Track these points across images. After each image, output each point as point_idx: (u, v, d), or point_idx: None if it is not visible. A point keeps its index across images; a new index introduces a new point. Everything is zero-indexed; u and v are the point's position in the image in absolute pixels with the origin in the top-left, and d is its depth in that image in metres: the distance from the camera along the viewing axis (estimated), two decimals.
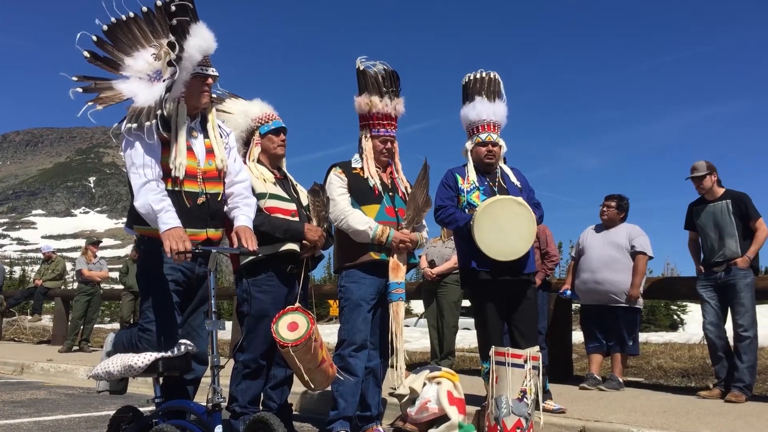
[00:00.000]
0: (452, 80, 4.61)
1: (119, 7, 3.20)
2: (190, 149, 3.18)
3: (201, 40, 3.07)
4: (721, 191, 5.35)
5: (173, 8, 3.00)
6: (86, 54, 3.12)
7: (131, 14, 3.22)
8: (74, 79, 3.10)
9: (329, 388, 3.81)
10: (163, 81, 3.08)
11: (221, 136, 3.35)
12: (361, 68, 4.05)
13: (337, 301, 4.06)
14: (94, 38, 3.14)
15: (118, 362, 3.02)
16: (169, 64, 3.03)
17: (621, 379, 5.67)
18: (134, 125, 2.98)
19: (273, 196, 3.80)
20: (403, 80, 4.12)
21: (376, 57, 4.08)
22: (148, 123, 2.98)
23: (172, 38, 3.01)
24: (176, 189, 3.11)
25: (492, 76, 4.35)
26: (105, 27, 3.16)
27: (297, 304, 3.41)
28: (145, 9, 3.24)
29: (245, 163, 3.79)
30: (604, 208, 5.87)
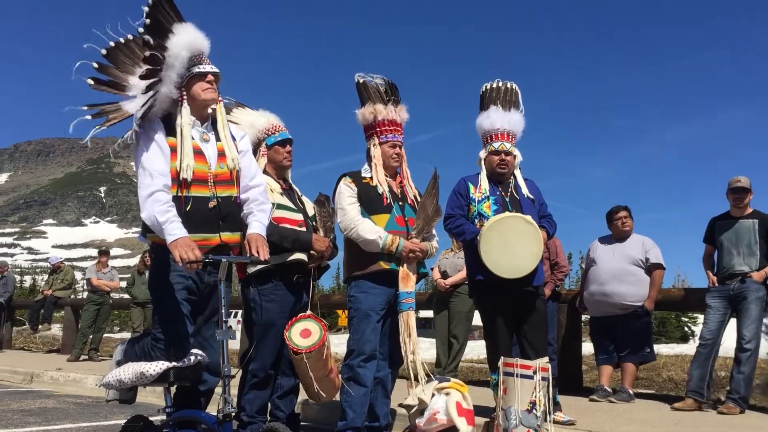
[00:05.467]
0: (461, 89, 4.63)
1: (114, 29, 3.13)
2: (200, 153, 3.15)
3: (187, 37, 3.05)
4: (750, 210, 5.38)
5: (149, 1, 2.96)
6: (90, 82, 3.05)
7: (130, 36, 3.16)
8: (84, 108, 3.05)
9: (337, 398, 3.80)
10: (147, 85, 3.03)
11: (233, 139, 3.31)
12: (361, 81, 4.09)
13: (346, 311, 4.07)
14: (95, 65, 3.06)
15: (129, 370, 3.02)
16: (145, 60, 3.00)
17: (631, 391, 5.63)
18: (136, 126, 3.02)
19: (280, 206, 3.81)
20: (412, 91, 4.16)
21: (384, 67, 4.13)
22: (139, 121, 2.98)
23: (146, 37, 2.97)
24: (185, 195, 3.08)
25: (510, 86, 4.37)
26: (104, 51, 3.09)
27: (309, 312, 3.40)
28: (141, 30, 3.15)
29: None
30: (624, 220, 5.81)
